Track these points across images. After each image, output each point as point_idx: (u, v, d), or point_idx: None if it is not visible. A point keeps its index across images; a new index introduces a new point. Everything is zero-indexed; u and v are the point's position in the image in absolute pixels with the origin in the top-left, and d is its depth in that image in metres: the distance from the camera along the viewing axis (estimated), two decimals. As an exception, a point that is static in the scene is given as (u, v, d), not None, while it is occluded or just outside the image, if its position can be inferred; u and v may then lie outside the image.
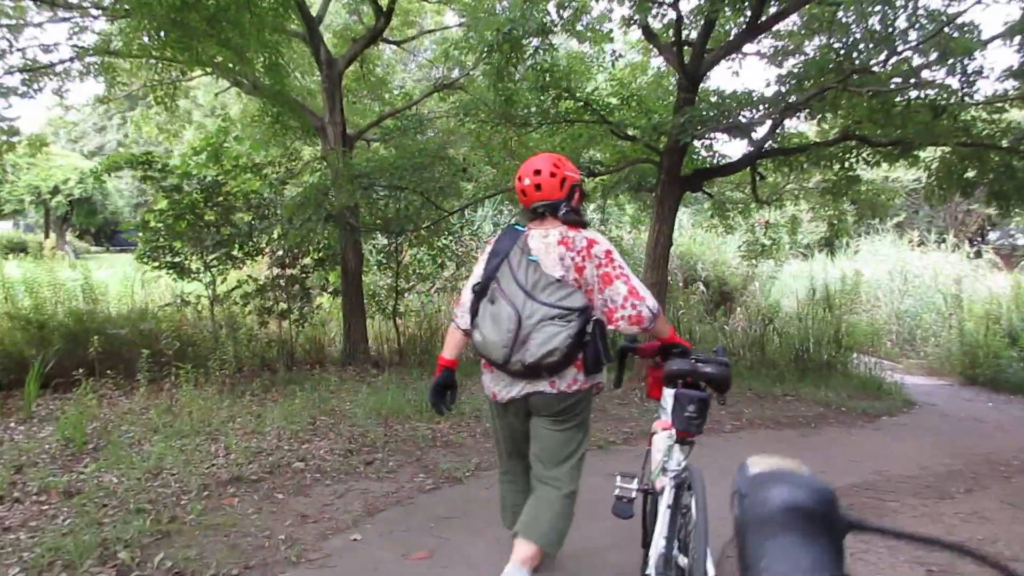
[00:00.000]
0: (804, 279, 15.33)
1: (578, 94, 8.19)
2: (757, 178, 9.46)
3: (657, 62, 10.50)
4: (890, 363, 11.17)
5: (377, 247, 10.35)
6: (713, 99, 7.84)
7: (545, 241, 2.55)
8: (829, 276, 14.47)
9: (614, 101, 8.50)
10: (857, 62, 6.59)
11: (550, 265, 2.50)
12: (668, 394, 2.44)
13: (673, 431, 2.36)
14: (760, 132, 7.77)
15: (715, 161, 8.91)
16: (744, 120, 7.10)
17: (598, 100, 8.42)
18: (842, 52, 6.73)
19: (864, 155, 8.74)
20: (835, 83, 6.42)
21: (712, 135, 7.73)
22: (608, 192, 10.36)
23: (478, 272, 2.64)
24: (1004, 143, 8.52)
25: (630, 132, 8.22)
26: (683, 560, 2.11)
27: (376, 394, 6.69)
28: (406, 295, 10.50)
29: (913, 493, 4.56)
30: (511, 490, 2.91)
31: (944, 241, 19.75)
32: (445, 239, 10.10)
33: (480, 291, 2.56)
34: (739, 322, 13.64)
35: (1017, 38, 8.17)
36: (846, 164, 8.87)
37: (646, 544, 2.52)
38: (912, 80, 6.66)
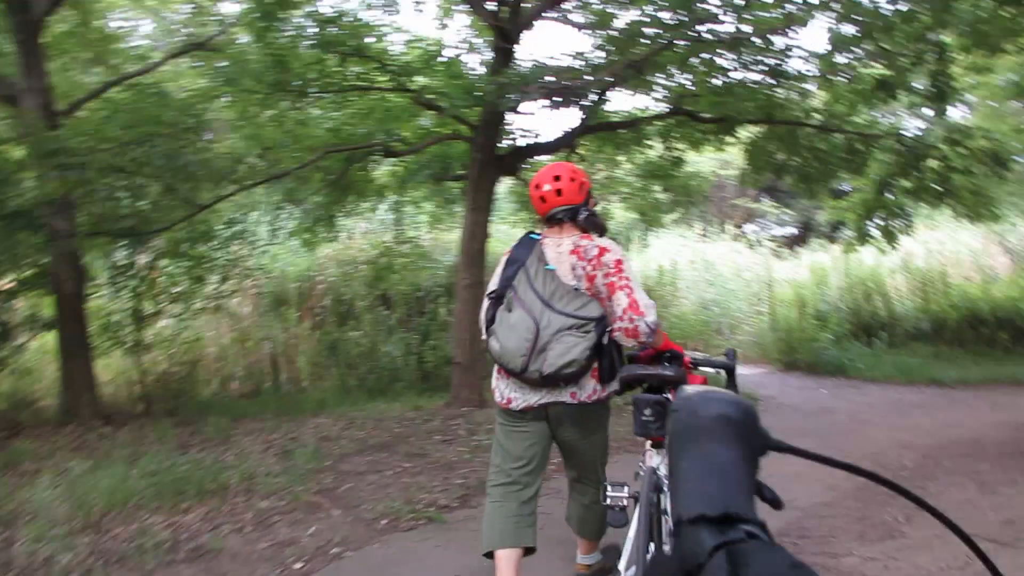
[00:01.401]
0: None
1: (370, 53, 6.49)
2: (576, 160, 8.36)
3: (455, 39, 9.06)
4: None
5: (117, 260, 7.82)
6: (531, 65, 6.55)
7: (558, 250, 2.54)
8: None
9: (416, 62, 6.84)
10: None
11: (564, 274, 2.50)
12: None
13: None
14: (587, 100, 6.58)
15: (532, 141, 7.65)
16: (574, 83, 5.87)
17: (397, 62, 6.76)
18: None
19: (687, 134, 8.01)
20: (684, 36, 5.38)
21: (535, 102, 6.41)
22: (406, 182, 8.71)
23: (495, 279, 2.61)
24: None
25: (438, 101, 6.69)
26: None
27: (97, 471, 4.51)
28: (156, 321, 8.11)
29: (856, 535, 3.51)
30: (505, 503, 2.62)
31: (724, 232, 20.75)
32: (204, 246, 7.85)
33: (496, 299, 2.53)
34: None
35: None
36: (669, 144, 8.10)
37: None
38: (760, 38, 5.85)
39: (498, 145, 7.19)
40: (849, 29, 7.47)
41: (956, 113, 11.19)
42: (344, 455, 5.21)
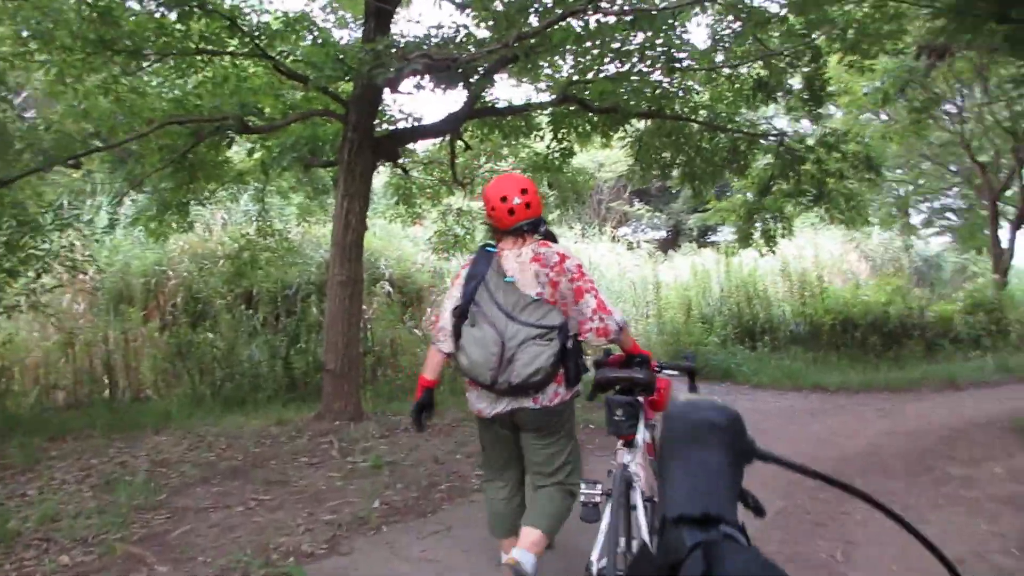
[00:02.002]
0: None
1: (220, 10, 5.54)
2: (460, 148, 7.77)
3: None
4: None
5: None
6: (411, 37, 5.87)
7: (519, 260, 2.59)
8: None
9: (276, 23, 5.89)
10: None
11: (526, 283, 2.55)
12: None
13: None
14: (474, 77, 5.96)
15: (413, 124, 6.96)
16: (460, 56, 5.23)
17: (251, 23, 5.83)
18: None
19: (578, 124, 7.62)
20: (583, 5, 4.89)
21: (415, 77, 5.73)
22: (270, 168, 7.73)
23: (456, 295, 2.65)
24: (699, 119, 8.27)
25: (303, 71, 5.85)
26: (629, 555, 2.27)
27: None
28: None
29: None
30: (499, 497, 2.83)
31: (603, 234, 20.90)
32: (24, 234, 6.55)
33: (460, 315, 2.59)
34: (434, 326, 12.00)
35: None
36: (559, 135, 7.67)
37: None
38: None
39: (375, 126, 6.47)
40: (731, 24, 7.43)
41: (828, 119, 11.49)
42: (185, 485, 4.30)
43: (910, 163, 13.85)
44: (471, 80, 5.69)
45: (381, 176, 11.20)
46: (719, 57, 7.98)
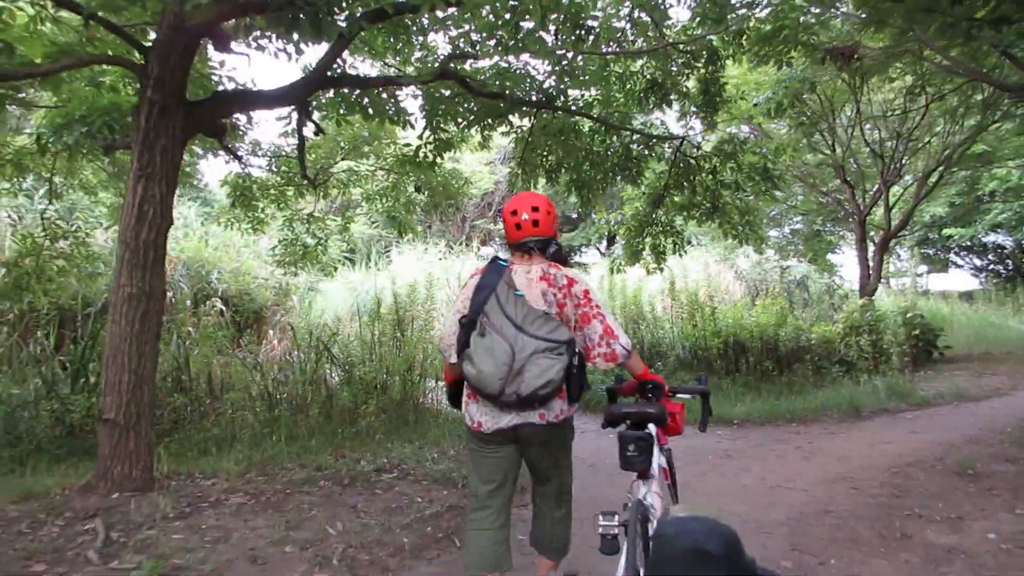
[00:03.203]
0: (351, 292, 12.76)
1: None
2: (310, 133, 6.22)
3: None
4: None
5: None
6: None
7: (528, 277, 2.58)
8: (376, 287, 12.08)
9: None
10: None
11: (534, 300, 2.53)
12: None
13: None
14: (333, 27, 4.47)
15: (247, 87, 5.36)
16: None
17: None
18: None
19: (455, 115, 6.36)
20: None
21: (252, 33, 4.20)
22: (50, 144, 5.78)
23: (464, 305, 2.62)
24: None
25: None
26: None
27: None
28: None
29: None
30: (484, 527, 2.65)
31: (471, 250, 20.01)
32: None
33: (468, 324, 2.54)
34: (276, 350, 10.24)
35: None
36: (434, 121, 6.33)
37: None
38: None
39: (190, 91, 4.82)
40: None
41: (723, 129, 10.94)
42: None
43: (783, 184, 13.75)
44: (324, 28, 4.19)
45: (215, 171, 9.38)
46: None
